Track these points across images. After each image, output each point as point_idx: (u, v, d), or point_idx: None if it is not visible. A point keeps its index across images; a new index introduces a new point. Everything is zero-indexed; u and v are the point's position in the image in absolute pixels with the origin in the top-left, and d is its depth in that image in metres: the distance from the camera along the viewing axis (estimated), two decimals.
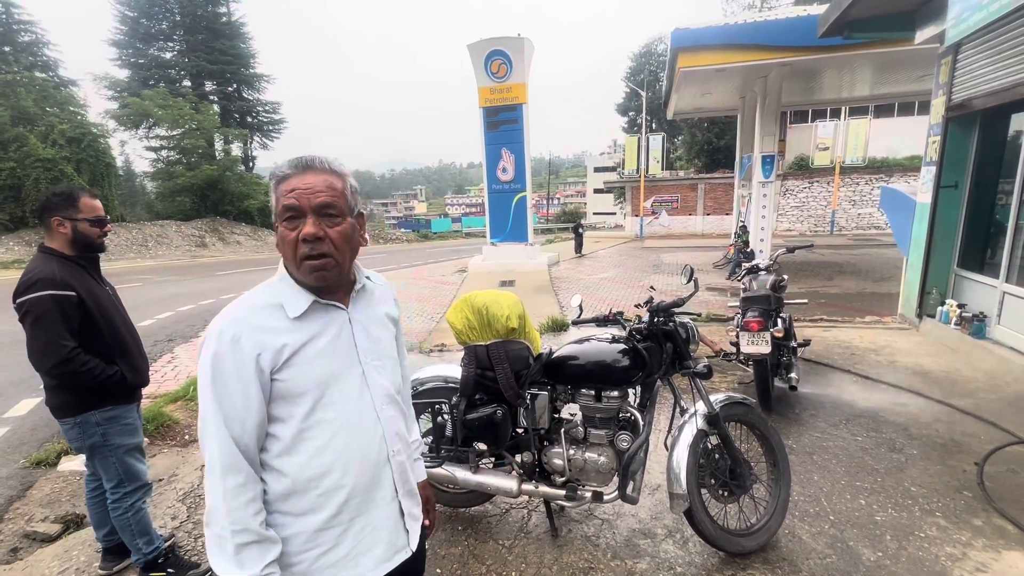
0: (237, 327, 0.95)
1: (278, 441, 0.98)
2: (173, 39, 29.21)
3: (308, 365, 0.98)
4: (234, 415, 0.93)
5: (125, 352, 2.09)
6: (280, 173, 1.00)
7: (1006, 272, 4.77)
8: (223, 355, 0.93)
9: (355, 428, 1.03)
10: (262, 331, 0.96)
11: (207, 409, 0.94)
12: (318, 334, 1.01)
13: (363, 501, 1.04)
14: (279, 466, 0.98)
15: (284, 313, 0.99)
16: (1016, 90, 4.31)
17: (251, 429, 0.95)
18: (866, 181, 22.38)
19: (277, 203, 0.99)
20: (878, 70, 10.68)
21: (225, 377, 0.93)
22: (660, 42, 34.68)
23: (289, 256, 0.99)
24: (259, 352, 0.94)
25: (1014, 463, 2.98)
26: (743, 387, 4.27)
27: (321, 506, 1.00)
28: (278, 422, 0.98)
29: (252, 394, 0.94)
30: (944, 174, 5.44)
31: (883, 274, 10.40)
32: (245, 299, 1.01)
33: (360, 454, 1.04)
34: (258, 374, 0.94)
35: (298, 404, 0.98)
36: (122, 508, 2.13)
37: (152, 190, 28.60)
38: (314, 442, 0.99)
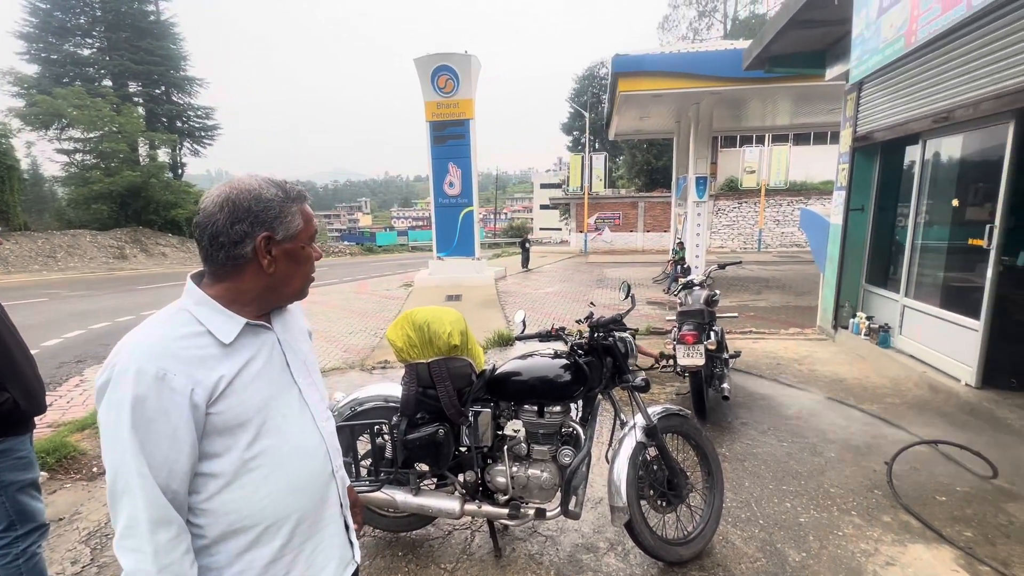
0: (160, 362, 0.84)
1: (215, 479, 0.90)
2: (92, 35, 27.07)
3: (246, 393, 0.92)
4: (161, 462, 0.83)
5: (16, 376, 1.85)
6: (303, 193, 1.01)
7: (905, 287, 5.30)
8: (145, 396, 0.82)
9: (301, 450, 0.99)
10: (192, 363, 0.87)
11: (124, 460, 0.82)
12: (252, 358, 0.95)
13: (312, 523, 1.01)
14: (217, 505, 0.90)
15: (212, 340, 0.91)
16: (907, 125, 4.85)
17: (182, 475, 0.86)
18: (788, 202, 24.30)
19: (307, 224, 1.00)
20: (796, 102, 11.70)
21: (148, 421, 0.83)
22: (602, 66, 36.21)
23: (302, 277, 1.02)
24: (192, 387, 0.85)
25: (916, 462, 3.28)
26: (680, 398, 4.45)
27: (271, 538, 0.94)
28: (215, 458, 0.90)
29: (183, 436, 0.85)
30: (852, 198, 6.00)
31: (804, 288, 11.24)
32: (158, 329, 0.90)
33: (309, 476, 1.00)
34: (192, 411, 0.85)
35: (238, 435, 0.90)
36: (12, 554, 1.87)
37: (64, 196, 26.03)
38: (259, 472, 0.92)
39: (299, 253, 0.98)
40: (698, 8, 35.10)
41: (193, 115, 30.93)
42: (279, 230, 0.95)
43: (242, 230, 0.92)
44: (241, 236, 0.92)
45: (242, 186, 0.94)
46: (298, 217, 0.98)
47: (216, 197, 0.93)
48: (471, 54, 12.45)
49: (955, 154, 4.81)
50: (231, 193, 0.92)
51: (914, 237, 5.23)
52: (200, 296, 0.94)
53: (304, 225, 0.98)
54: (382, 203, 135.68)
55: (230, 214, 0.91)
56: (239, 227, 0.91)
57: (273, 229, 0.94)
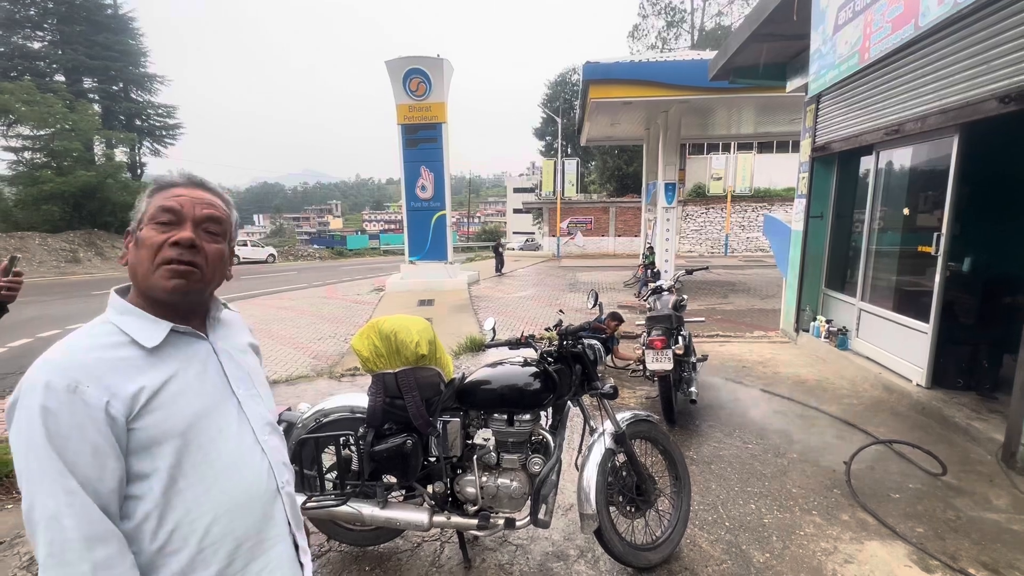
0: (71, 373, 0.79)
1: (142, 501, 0.83)
2: (43, 28, 25.80)
3: (173, 406, 0.86)
4: (86, 477, 0.77)
5: None
6: (166, 180, 0.95)
7: (861, 291, 5.52)
8: (56, 410, 0.76)
9: (239, 465, 0.93)
10: (108, 374, 0.82)
11: (42, 482, 0.76)
12: (180, 369, 0.90)
13: (255, 544, 0.94)
14: (147, 530, 0.83)
15: (135, 348, 0.86)
16: (862, 137, 5.07)
17: (110, 491, 0.80)
18: (753, 208, 25.12)
19: (150, 206, 0.92)
20: (759, 111, 12.12)
21: (64, 437, 0.76)
22: (574, 72, 36.65)
23: (145, 261, 0.89)
24: (107, 399, 0.80)
25: (872, 461, 3.41)
26: (649, 402, 4.51)
27: (207, 561, 0.87)
28: (141, 480, 0.83)
29: (105, 452, 0.79)
30: (812, 205, 6.23)
31: (768, 292, 11.61)
32: (72, 340, 0.85)
33: (248, 493, 0.93)
34: (110, 426, 0.79)
35: (165, 453, 0.84)
36: None
37: (10, 196, 24.60)
38: (190, 492, 0.86)
39: (138, 237, 0.92)
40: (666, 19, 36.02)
41: (154, 113, 29.80)
42: (132, 223, 0.94)
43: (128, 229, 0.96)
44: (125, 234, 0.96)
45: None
46: (144, 203, 0.94)
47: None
48: (443, 58, 12.41)
49: (905, 165, 5.06)
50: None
51: (869, 243, 5.46)
52: (122, 305, 0.91)
53: (148, 207, 0.93)
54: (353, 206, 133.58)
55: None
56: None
57: (132, 222, 0.95)
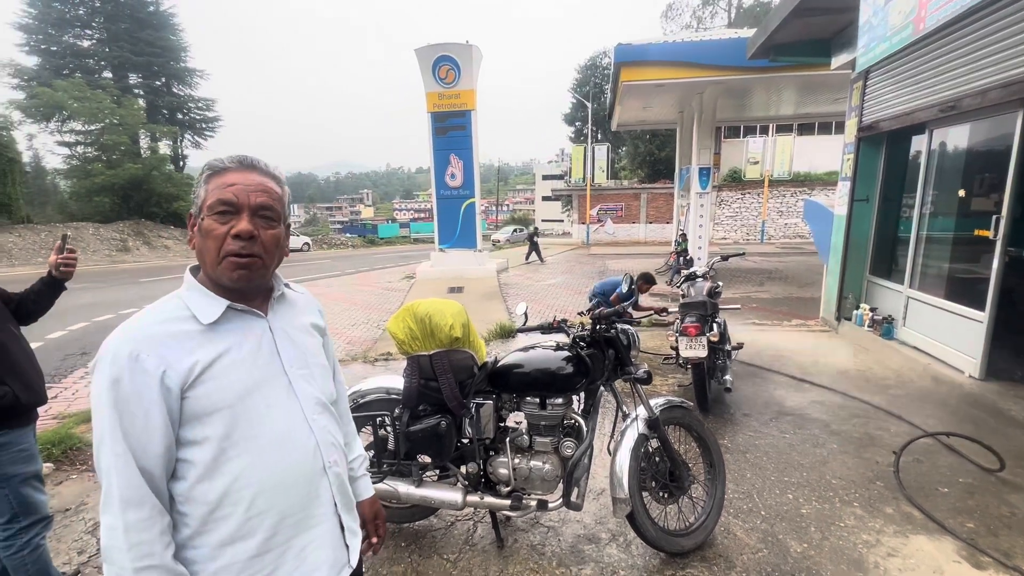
0: (135, 344, 0.86)
1: (194, 467, 0.89)
2: (92, 26, 26.92)
3: (224, 379, 0.90)
4: (136, 442, 0.84)
5: (15, 369, 1.86)
6: (219, 165, 0.96)
7: (909, 278, 5.26)
8: (120, 376, 0.84)
9: (285, 442, 0.96)
10: (167, 346, 0.88)
11: (103, 437, 0.84)
12: (234, 345, 0.94)
13: (301, 519, 0.97)
14: (198, 494, 0.89)
15: (194, 323, 0.92)
16: (914, 115, 4.79)
17: (155, 456, 0.86)
18: (791, 193, 24.15)
19: (208, 195, 0.93)
20: (800, 91, 11.58)
21: (124, 400, 0.84)
22: (604, 56, 35.86)
23: (211, 251, 0.92)
24: (164, 369, 0.86)
25: (919, 454, 3.28)
26: (683, 390, 4.44)
27: (252, 531, 0.91)
28: (193, 445, 0.89)
29: (156, 418, 0.85)
30: (857, 189, 5.95)
31: (807, 280, 11.19)
32: (144, 312, 0.93)
33: (293, 469, 0.96)
34: (164, 394, 0.85)
35: (215, 423, 0.89)
36: (16, 546, 1.89)
37: (66, 189, 26.03)
38: (238, 462, 0.90)
39: (201, 226, 0.94)
40: None
41: (194, 107, 30.84)
42: (194, 207, 0.96)
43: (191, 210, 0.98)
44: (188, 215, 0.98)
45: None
46: (202, 188, 0.95)
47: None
48: (472, 44, 12.34)
49: (962, 144, 4.75)
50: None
51: (919, 228, 5.19)
52: (191, 282, 0.97)
53: (206, 195, 0.94)
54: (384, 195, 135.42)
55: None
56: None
57: (194, 205, 0.96)
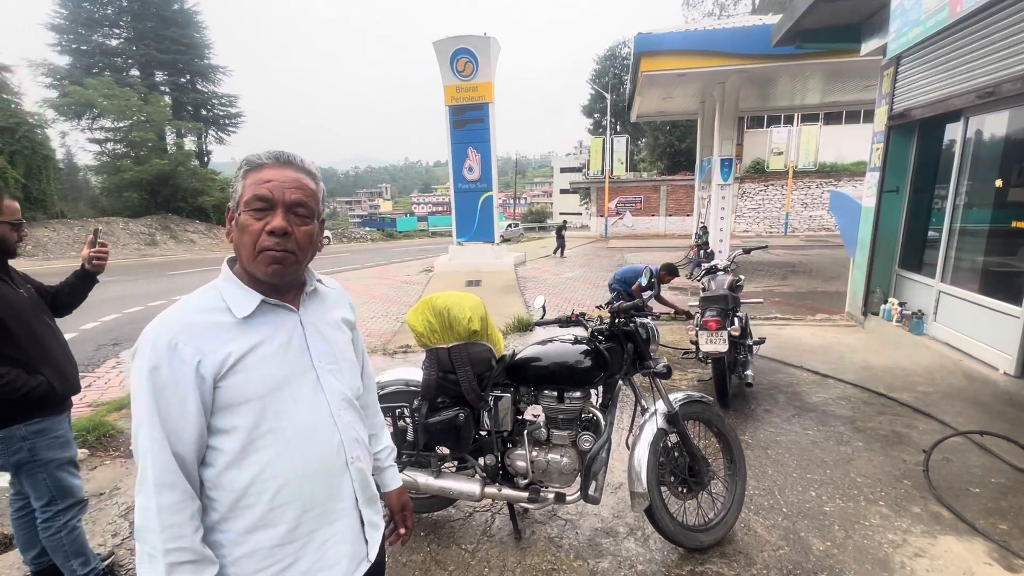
0: (174, 333, 0.89)
1: (223, 455, 0.92)
2: (119, 25, 27.62)
3: (256, 371, 0.93)
4: (171, 428, 0.87)
5: (50, 359, 1.93)
6: (256, 161, 0.97)
7: (941, 272, 5.09)
8: (159, 363, 0.87)
9: (310, 436, 0.98)
10: (203, 336, 0.90)
11: (141, 422, 0.88)
12: (267, 338, 0.96)
13: (322, 513, 1.00)
14: (226, 481, 0.92)
15: (229, 315, 0.94)
16: (949, 102, 4.60)
17: (188, 442, 0.89)
18: (817, 185, 23.51)
19: (245, 190, 0.95)
20: (827, 79, 11.23)
21: (161, 387, 0.87)
22: (624, 46, 35.30)
23: (247, 246, 0.95)
24: (199, 359, 0.89)
25: (949, 452, 3.18)
26: (702, 385, 4.39)
27: (276, 520, 0.94)
28: (222, 434, 0.91)
29: (190, 405, 0.88)
30: (887, 179, 5.76)
31: (832, 274, 10.92)
32: (183, 302, 0.95)
33: (317, 463, 0.98)
34: (198, 383, 0.88)
35: (245, 414, 0.91)
36: (54, 528, 1.98)
37: (97, 185, 26.85)
38: (265, 453, 0.93)
39: (238, 221, 0.96)
40: None
41: (217, 103, 31.43)
42: (232, 201, 0.98)
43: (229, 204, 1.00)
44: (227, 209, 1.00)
45: None
46: (240, 183, 0.97)
47: None
48: (490, 36, 12.28)
49: (999, 132, 4.55)
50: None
51: (952, 220, 5.00)
52: (227, 273, 0.99)
53: (243, 190, 0.95)
54: (402, 189, 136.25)
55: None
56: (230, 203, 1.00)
57: (232, 200, 0.98)
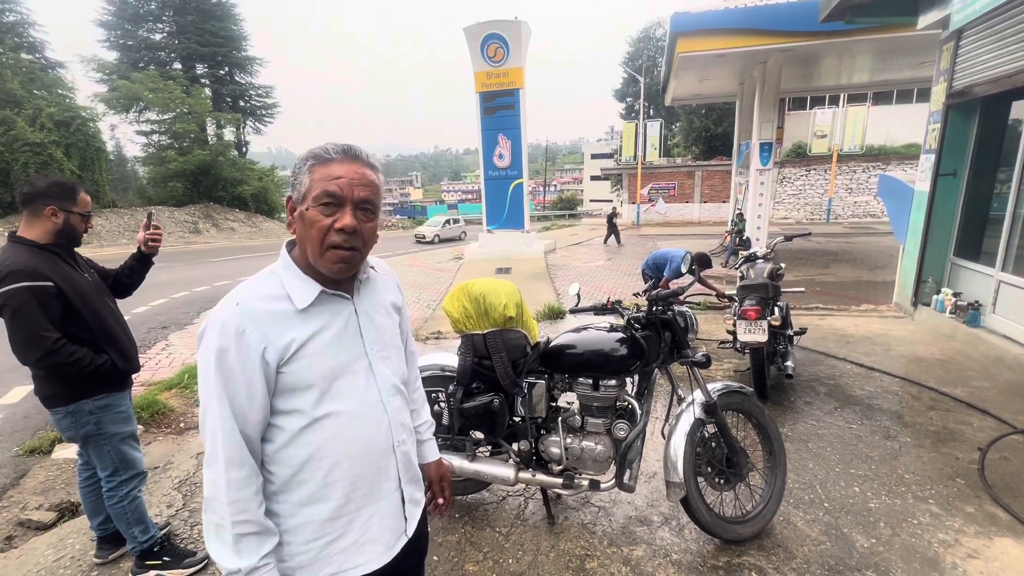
0: (241, 319, 0.92)
1: (283, 432, 0.97)
2: (163, 20, 28.56)
3: (315, 358, 0.96)
4: (239, 408, 0.91)
5: (113, 339, 2.05)
6: (323, 155, 0.96)
7: (1002, 261, 4.78)
8: (227, 347, 0.90)
9: (362, 420, 1.03)
10: (268, 324, 0.93)
11: (210, 401, 0.91)
12: (325, 326, 0.99)
13: (369, 492, 1.05)
14: (284, 457, 0.97)
15: (290, 303, 0.96)
16: (1018, 76, 4.27)
17: (255, 423, 0.94)
18: (863, 169, 22.36)
19: (313, 185, 0.94)
20: (878, 56, 10.59)
21: (229, 370, 0.90)
22: (659, 27, 34.24)
23: (315, 241, 0.95)
24: (265, 346, 0.92)
25: (1007, 451, 3.01)
26: (739, 375, 4.28)
27: (327, 496, 0.99)
28: (284, 415, 0.96)
29: (257, 388, 0.92)
30: (943, 162, 5.42)
31: (878, 262, 10.43)
32: (248, 288, 0.98)
33: (366, 445, 1.03)
34: (263, 368, 0.92)
35: (304, 397, 0.96)
36: (118, 496, 2.12)
37: (144, 175, 28.10)
38: (321, 433, 0.98)
39: (304, 215, 0.96)
40: None
41: (254, 94, 32.23)
42: (295, 192, 0.98)
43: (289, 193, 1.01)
44: (287, 199, 1.01)
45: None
46: (306, 177, 0.96)
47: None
48: (521, 20, 12.10)
49: None
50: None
51: (1017, 205, 4.67)
52: (287, 260, 1.01)
53: (310, 185, 0.95)
54: (432, 177, 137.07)
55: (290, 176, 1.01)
56: (288, 190, 1.01)
57: (294, 190, 0.99)
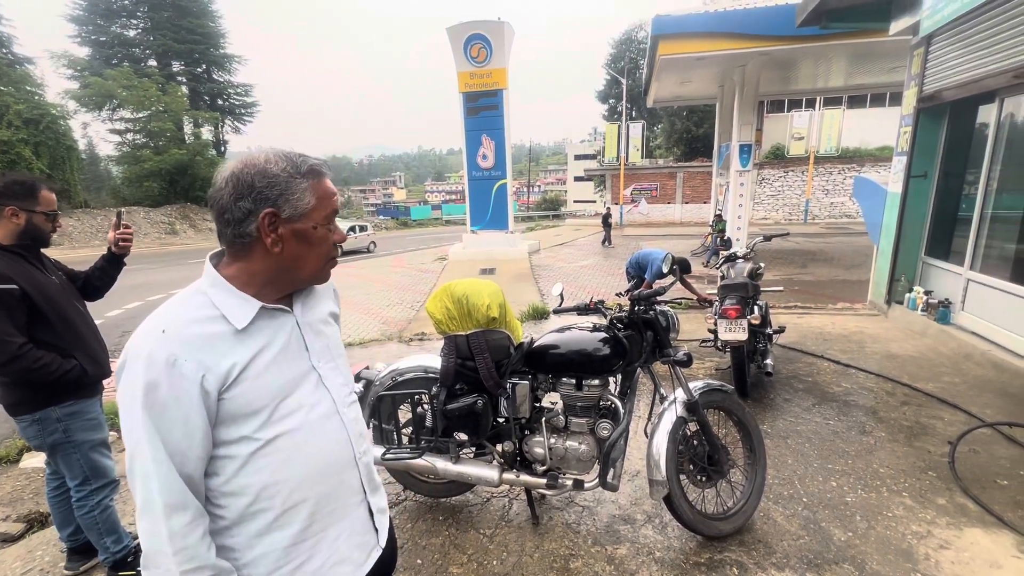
0: (171, 347, 0.82)
1: (232, 462, 0.88)
2: (137, 16, 27.92)
3: (260, 379, 0.89)
4: (175, 448, 0.82)
5: (82, 344, 1.98)
6: (317, 168, 0.93)
7: (971, 260, 4.93)
8: (157, 381, 0.80)
9: (319, 436, 0.96)
10: (203, 349, 0.84)
11: (138, 445, 0.81)
12: (267, 344, 0.91)
13: (334, 509, 0.99)
14: (236, 488, 0.89)
15: (225, 323, 0.88)
16: (984, 82, 4.42)
17: (195, 460, 0.84)
18: (839, 171, 22.92)
19: (320, 203, 0.92)
20: (853, 61, 10.86)
21: (161, 406, 0.81)
22: (640, 29, 34.59)
23: (319, 259, 0.96)
24: (203, 374, 0.83)
25: (976, 444, 3.11)
26: (721, 373, 4.35)
27: (289, 522, 0.93)
28: (230, 444, 0.88)
29: (195, 423, 0.83)
30: (914, 164, 5.58)
31: (854, 262, 10.69)
32: (172, 312, 0.88)
33: (326, 461, 0.97)
34: (203, 398, 0.83)
35: (251, 422, 0.88)
36: (88, 506, 2.05)
37: (118, 175, 27.40)
38: (276, 456, 0.90)
39: (310, 234, 0.92)
40: None
41: (233, 93, 31.68)
42: (285, 208, 0.89)
43: (245, 207, 0.87)
44: (245, 213, 0.88)
45: (249, 160, 0.89)
46: (308, 194, 0.91)
47: (225, 171, 0.89)
48: (504, 21, 12.12)
49: None
50: (237, 168, 0.88)
51: (984, 206, 4.83)
52: (215, 277, 0.91)
53: (316, 203, 0.91)
54: (416, 177, 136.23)
55: (234, 189, 0.87)
56: (242, 204, 0.87)
57: (278, 206, 0.88)
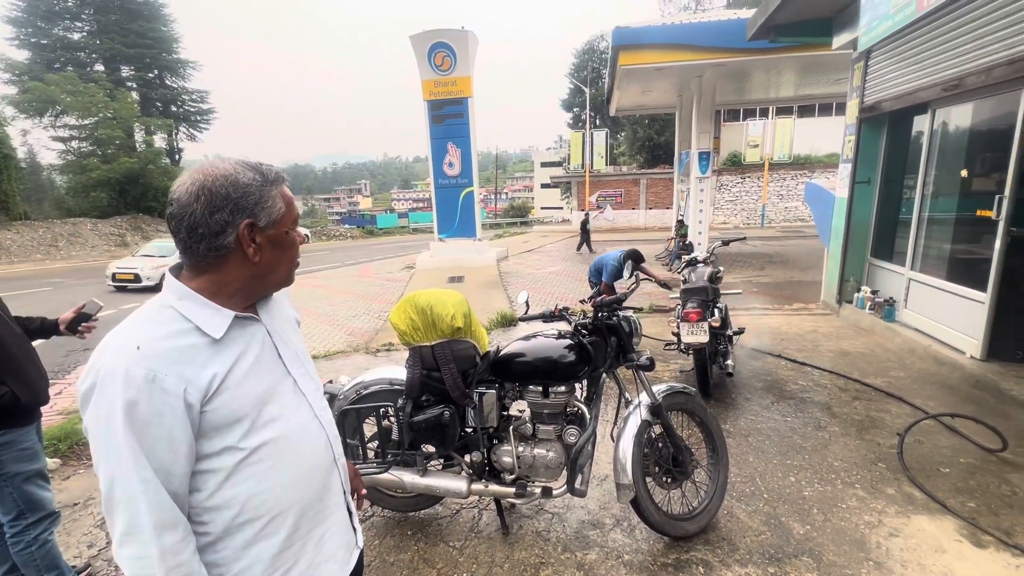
0: (149, 363, 0.81)
1: (215, 475, 0.87)
2: (81, 18, 26.58)
3: (240, 388, 0.89)
4: (161, 465, 0.81)
5: (14, 369, 1.84)
6: (280, 176, 0.97)
7: (911, 260, 5.25)
8: (137, 399, 0.79)
9: (302, 440, 0.98)
10: (182, 363, 0.83)
11: (119, 467, 0.79)
12: (243, 353, 0.92)
13: (318, 511, 1.00)
14: (221, 502, 0.88)
15: (199, 335, 0.87)
16: (916, 94, 4.73)
17: (180, 476, 0.84)
18: (792, 177, 24.00)
19: (289, 208, 0.97)
20: (801, 73, 11.43)
21: (144, 424, 0.79)
22: (602, 39, 35.40)
23: (291, 261, 0.99)
24: (184, 387, 0.82)
25: (921, 435, 3.29)
26: (684, 375, 4.45)
27: (275, 530, 0.93)
28: (213, 456, 0.87)
29: (179, 438, 0.82)
30: (858, 171, 5.90)
31: (808, 263, 11.17)
32: (142, 328, 0.86)
33: (310, 465, 0.99)
34: (186, 411, 0.82)
35: (234, 432, 0.88)
36: (24, 542, 1.91)
37: (62, 185, 25.91)
38: (261, 465, 0.90)
39: (283, 239, 0.95)
40: None
41: (188, 99, 30.53)
42: (261, 216, 0.90)
43: (222, 219, 0.86)
44: (222, 226, 0.87)
45: (216, 172, 0.88)
46: (279, 201, 0.93)
47: (190, 186, 0.87)
48: (468, 30, 12.18)
49: (964, 123, 4.70)
50: (205, 181, 0.87)
51: (921, 209, 5.16)
52: (182, 290, 0.89)
53: (286, 209, 0.95)
54: (382, 185, 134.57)
55: (207, 203, 0.86)
56: (219, 216, 0.86)
57: (255, 215, 0.89)
